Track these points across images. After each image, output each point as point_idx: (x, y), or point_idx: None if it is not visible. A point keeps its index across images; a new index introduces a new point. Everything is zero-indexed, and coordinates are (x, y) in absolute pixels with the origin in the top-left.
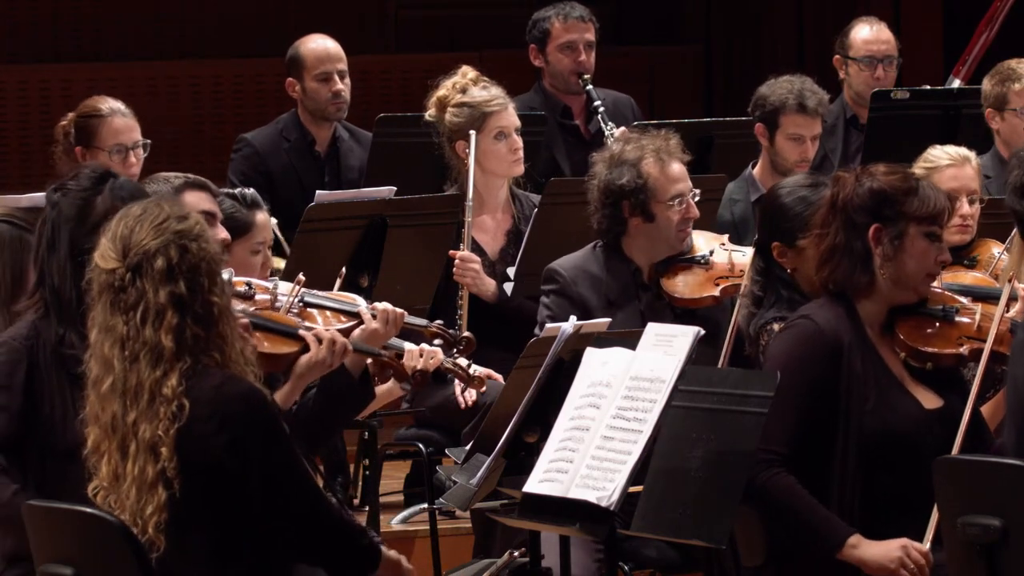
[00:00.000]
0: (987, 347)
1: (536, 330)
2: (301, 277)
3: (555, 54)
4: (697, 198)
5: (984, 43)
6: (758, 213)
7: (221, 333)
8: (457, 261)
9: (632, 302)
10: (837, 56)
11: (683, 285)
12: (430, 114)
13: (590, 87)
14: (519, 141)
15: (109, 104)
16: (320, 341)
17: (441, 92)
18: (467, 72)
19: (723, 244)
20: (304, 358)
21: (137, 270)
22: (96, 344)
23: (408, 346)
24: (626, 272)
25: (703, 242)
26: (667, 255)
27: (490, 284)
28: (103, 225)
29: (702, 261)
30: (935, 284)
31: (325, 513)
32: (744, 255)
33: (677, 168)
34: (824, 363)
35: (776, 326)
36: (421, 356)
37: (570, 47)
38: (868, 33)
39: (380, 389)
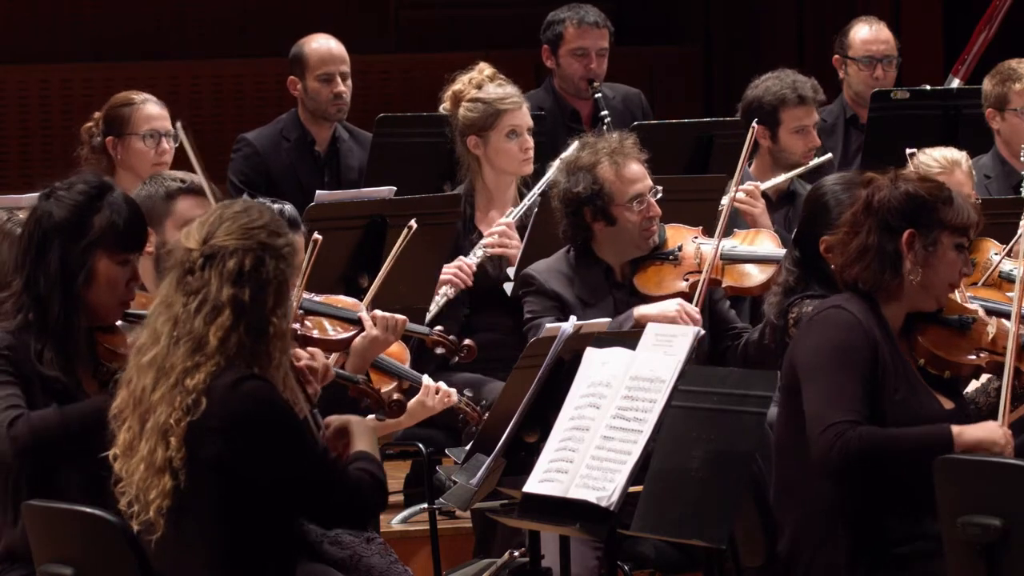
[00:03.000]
0: (1008, 363)
1: (524, 328)
2: (317, 236)
3: (567, 58)
4: (659, 195)
5: (983, 42)
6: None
7: (268, 352)
8: (503, 229)
9: (605, 302)
10: (837, 56)
11: (653, 282)
12: (444, 107)
13: (599, 95)
14: (530, 141)
15: (140, 94)
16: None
17: (457, 86)
18: (484, 68)
19: (695, 237)
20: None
21: (209, 260)
22: (152, 314)
23: (426, 380)
24: (598, 272)
25: (677, 236)
26: (636, 255)
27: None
28: (98, 245)
29: (671, 257)
30: (962, 297)
31: (353, 490)
32: (712, 248)
33: (634, 168)
34: (865, 349)
35: (808, 302)
36: (437, 393)
37: (582, 53)
38: (867, 33)
39: (389, 422)
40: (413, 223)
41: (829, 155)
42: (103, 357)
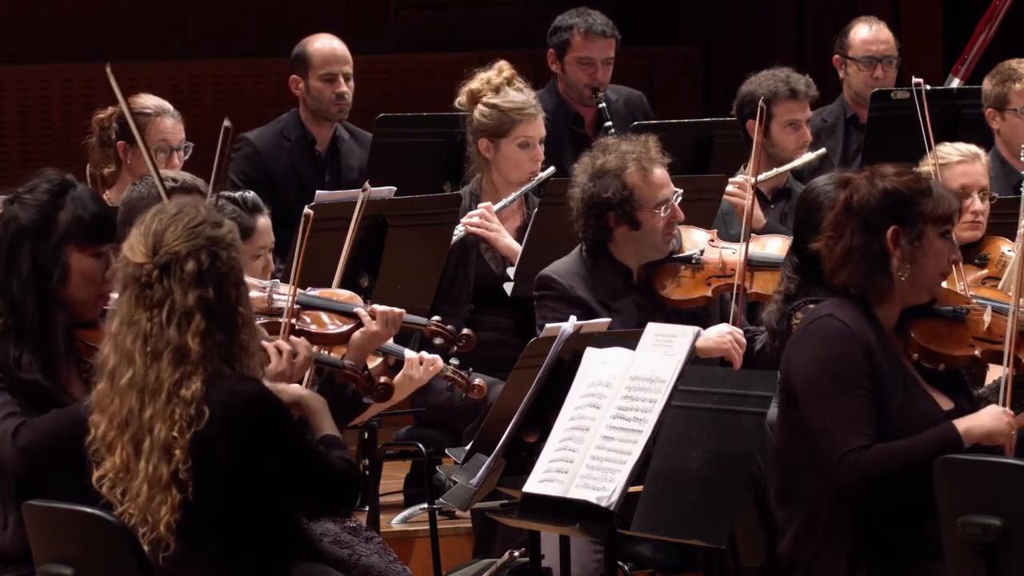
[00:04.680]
0: (1007, 351)
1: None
2: (308, 211)
3: (572, 65)
4: (680, 199)
5: (983, 42)
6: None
7: (242, 343)
8: (482, 211)
9: (627, 305)
10: (837, 56)
11: (675, 286)
12: (459, 102)
13: (603, 105)
14: (541, 152)
15: (157, 103)
16: (280, 353)
17: (474, 85)
18: (503, 69)
19: (712, 241)
20: (266, 370)
21: (165, 269)
22: (117, 335)
23: (408, 354)
24: (617, 276)
25: (691, 240)
26: (654, 258)
27: (511, 241)
28: (67, 241)
29: (693, 261)
30: (964, 287)
31: (344, 480)
32: (734, 252)
33: (660, 173)
34: (861, 360)
35: (812, 307)
36: (421, 364)
37: (588, 62)
38: (867, 33)
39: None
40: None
41: (823, 150)
42: (85, 354)
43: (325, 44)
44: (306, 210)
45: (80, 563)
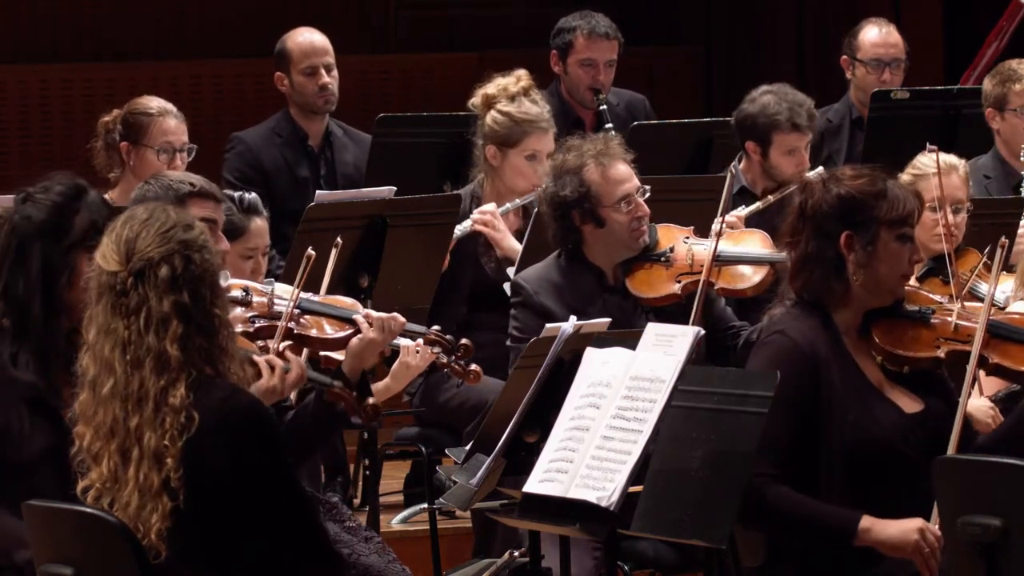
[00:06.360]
0: (975, 350)
1: (508, 343)
2: (311, 252)
3: (574, 67)
4: (647, 195)
5: (993, 54)
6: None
7: (221, 345)
8: (492, 210)
9: (597, 307)
10: (845, 56)
11: (645, 284)
12: (473, 104)
13: (604, 107)
14: (547, 166)
15: (161, 104)
16: (272, 369)
17: (490, 90)
18: (521, 78)
19: (687, 237)
20: (257, 384)
21: (140, 276)
22: (96, 345)
23: (404, 343)
24: (589, 277)
25: (668, 237)
26: (627, 256)
27: (514, 242)
28: (80, 245)
29: (663, 259)
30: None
31: (315, 529)
32: (705, 248)
33: (621, 169)
34: (803, 379)
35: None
36: (417, 352)
37: (590, 64)
38: (876, 36)
39: (377, 386)
40: (311, 251)
41: (820, 169)
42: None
43: (304, 38)
44: (309, 250)
45: (80, 563)
